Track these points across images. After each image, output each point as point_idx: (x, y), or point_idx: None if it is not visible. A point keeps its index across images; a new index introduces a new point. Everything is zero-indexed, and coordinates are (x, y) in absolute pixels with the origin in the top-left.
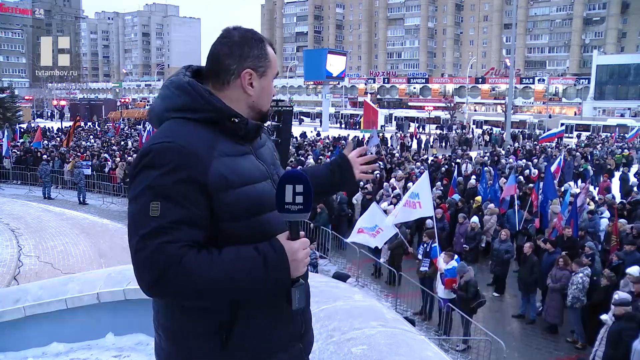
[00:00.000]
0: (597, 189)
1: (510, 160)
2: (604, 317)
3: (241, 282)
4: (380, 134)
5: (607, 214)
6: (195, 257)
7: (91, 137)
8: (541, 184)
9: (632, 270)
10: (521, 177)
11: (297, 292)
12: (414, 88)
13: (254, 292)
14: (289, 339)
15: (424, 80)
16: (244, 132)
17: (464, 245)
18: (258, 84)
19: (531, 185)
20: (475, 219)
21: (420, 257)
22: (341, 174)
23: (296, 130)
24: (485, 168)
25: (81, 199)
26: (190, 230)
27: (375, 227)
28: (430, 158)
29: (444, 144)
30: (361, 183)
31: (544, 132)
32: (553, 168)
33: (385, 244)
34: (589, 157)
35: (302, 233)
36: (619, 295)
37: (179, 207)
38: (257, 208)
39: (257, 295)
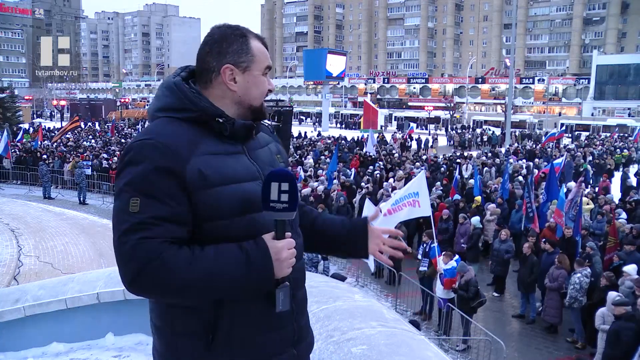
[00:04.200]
0: (596, 189)
1: (511, 160)
2: (602, 327)
3: (222, 281)
4: (380, 134)
5: (624, 215)
6: (175, 254)
7: (90, 137)
8: (543, 184)
9: (629, 268)
10: (520, 177)
11: (281, 293)
12: (414, 88)
13: (235, 291)
14: (280, 344)
15: (424, 80)
16: (230, 132)
17: (462, 245)
18: (242, 78)
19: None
20: (476, 219)
21: (420, 257)
22: (352, 236)
23: (294, 130)
24: (485, 168)
25: (81, 198)
26: (171, 226)
27: None
28: (430, 157)
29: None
30: (362, 183)
31: (544, 133)
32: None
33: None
34: (591, 157)
35: (288, 234)
36: (616, 295)
37: (158, 203)
38: (240, 208)
39: (239, 294)
